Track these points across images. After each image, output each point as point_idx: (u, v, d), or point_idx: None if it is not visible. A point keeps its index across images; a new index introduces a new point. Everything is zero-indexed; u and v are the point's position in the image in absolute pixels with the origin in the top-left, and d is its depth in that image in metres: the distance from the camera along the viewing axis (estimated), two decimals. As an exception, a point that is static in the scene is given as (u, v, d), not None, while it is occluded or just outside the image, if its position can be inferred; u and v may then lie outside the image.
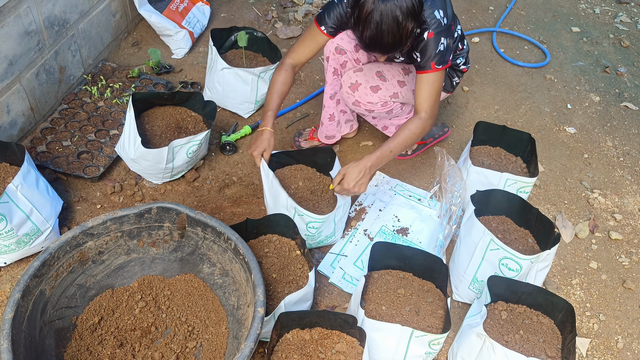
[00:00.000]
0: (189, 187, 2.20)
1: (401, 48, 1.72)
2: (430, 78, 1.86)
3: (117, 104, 2.41)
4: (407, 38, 1.69)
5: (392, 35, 1.65)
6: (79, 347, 1.58)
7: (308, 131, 2.43)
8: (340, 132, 2.34)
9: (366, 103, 2.05)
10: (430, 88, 1.87)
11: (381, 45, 1.69)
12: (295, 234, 1.80)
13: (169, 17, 2.76)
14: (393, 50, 1.72)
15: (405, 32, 1.66)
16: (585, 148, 2.61)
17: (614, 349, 1.86)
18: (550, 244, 1.74)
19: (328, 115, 2.24)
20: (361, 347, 1.56)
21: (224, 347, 1.60)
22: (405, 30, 1.66)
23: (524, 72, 3.02)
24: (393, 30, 1.64)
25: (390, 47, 1.70)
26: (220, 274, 1.72)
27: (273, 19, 3.15)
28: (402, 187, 2.29)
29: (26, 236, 1.77)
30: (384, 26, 1.63)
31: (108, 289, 1.71)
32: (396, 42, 1.68)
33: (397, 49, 1.72)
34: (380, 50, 1.73)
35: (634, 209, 2.35)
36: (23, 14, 2.05)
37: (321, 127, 2.32)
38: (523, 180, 2.00)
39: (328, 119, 2.26)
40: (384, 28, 1.63)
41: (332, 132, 2.30)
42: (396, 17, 1.62)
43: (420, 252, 1.74)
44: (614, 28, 3.47)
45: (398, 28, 1.64)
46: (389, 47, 1.70)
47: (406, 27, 1.65)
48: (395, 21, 1.62)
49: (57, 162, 2.14)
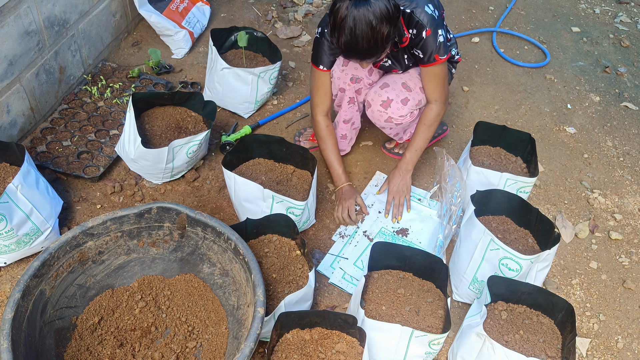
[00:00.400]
0: (189, 187, 2.20)
1: (379, 53, 1.72)
2: (436, 70, 1.93)
3: (117, 104, 2.41)
4: (384, 43, 1.69)
5: (367, 40, 1.66)
6: (79, 347, 1.58)
7: (309, 131, 2.43)
8: (351, 144, 2.36)
9: (398, 117, 2.09)
10: (437, 79, 1.96)
11: (356, 51, 1.70)
12: (295, 234, 1.80)
13: (169, 17, 2.76)
14: (370, 56, 1.73)
15: (380, 37, 1.66)
16: (585, 148, 2.61)
17: (614, 349, 1.86)
18: (550, 244, 1.74)
19: (340, 135, 2.26)
20: (361, 347, 1.56)
21: (224, 347, 1.60)
22: (380, 34, 1.65)
23: (524, 72, 3.02)
24: (367, 36, 1.64)
25: (365, 52, 1.70)
26: (220, 274, 1.72)
27: (273, 19, 3.15)
28: None
29: (26, 236, 1.77)
30: (357, 31, 1.64)
31: (108, 289, 1.71)
32: (371, 47, 1.68)
33: (374, 55, 1.72)
34: (357, 56, 1.73)
35: (634, 209, 2.35)
36: (23, 14, 2.05)
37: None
38: (523, 180, 2.00)
39: (340, 138, 2.27)
40: (357, 33, 1.64)
41: (343, 147, 2.32)
42: (369, 22, 1.62)
43: (420, 252, 1.74)
44: (614, 28, 3.47)
45: (372, 33, 1.64)
46: (364, 53, 1.70)
47: (381, 32, 1.65)
48: (368, 26, 1.63)
49: (57, 162, 2.14)
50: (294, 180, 2.05)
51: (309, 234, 2.09)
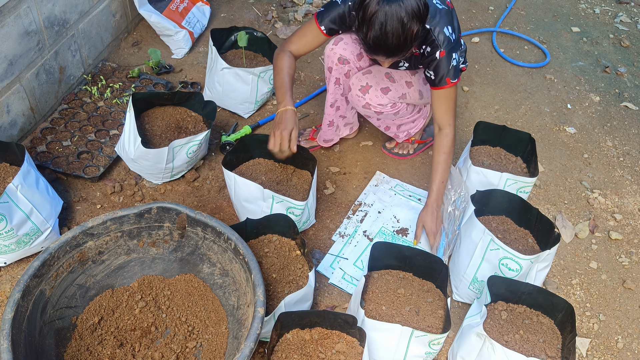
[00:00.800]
0: (189, 187, 2.20)
1: (405, 51, 1.70)
2: (447, 93, 1.89)
3: (117, 104, 2.41)
4: (412, 41, 1.67)
5: (397, 37, 1.63)
6: (79, 347, 1.58)
7: (309, 131, 2.43)
8: (339, 135, 2.35)
9: (376, 105, 2.06)
10: (448, 102, 1.91)
11: (385, 47, 1.67)
12: (295, 234, 1.80)
13: (169, 17, 2.76)
14: (397, 53, 1.70)
15: (410, 34, 1.64)
16: (585, 148, 2.61)
17: (614, 349, 1.86)
18: (550, 244, 1.74)
19: (327, 122, 2.25)
20: (361, 347, 1.56)
21: (224, 347, 1.60)
22: (410, 32, 1.63)
23: (524, 72, 3.02)
24: (397, 32, 1.62)
25: (394, 49, 1.67)
26: (220, 274, 1.72)
27: (273, 19, 3.15)
28: (402, 187, 2.29)
29: (26, 236, 1.77)
30: (388, 27, 1.61)
31: (108, 289, 1.71)
32: (400, 44, 1.65)
33: (402, 52, 1.69)
34: (384, 53, 1.70)
35: (634, 209, 2.35)
36: (23, 14, 2.05)
37: (321, 131, 2.33)
38: (523, 180, 2.00)
39: (327, 125, 2.26)
40: (388, 29, 1.61)
41: (330, 137, 2.32)
42: (401, 19, 1.60)
43: (420, 252, 1.74)
44: (614, 28, 3.47)
45: (403, 29, 1.62)
46: (393, 50, 1.67)
47: (411, 29, 1.63)
48: (400, 22, 1.60)
49: (57, 162, 2.14)
50: (294, 180, 2.05)
51: (309, 234, 2.09)
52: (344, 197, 2.23)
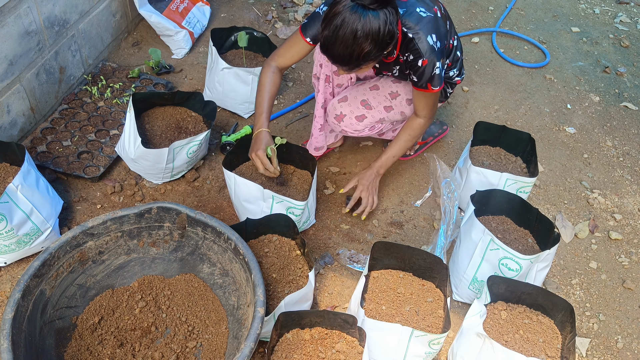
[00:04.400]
0: (189, 187, 2.20)
1: (351, 65, 1.66)
2: (427, 95, 1.91)
3: (117, 104, 2.41)
4: (360, 59, 1.62)
5: (344, 47, 1.59)
6: (79, 347, 1.58)
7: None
8: (326, 142, 2.30)
9: (352, 131, 2.10)
10: (427, 101, 1.94)
11: (331, 52, 1.64)
12: (295, 234, 1.80)
13: (169, 17, 2.76)
14: (341, 63, 1.66)
15: (358, 51, 1.59)
16: (585, 148, 2.61)
17: (613, 349, 1.86)
18: (550, 244, 1.74)
19: (319, 126, 2.19)
20: (361, 347, 1.56)
21: (224, 347, 1.60)
22: (359, 48, 1.59)
23: (524, 72, 3.02)
24: (346, 42, 1.58)
25: (339, 57, 1.64)
26: (220, 274, 1.72)
27: (273, 19, 3.15)
28: None
29: (26, 236, 1.77)
30: (340, 33, 1.58)
31: (108, 288, 1.71)
32: (346, 55, 1.61)
33: (346, 64, 1.65)
34: (330, 57, 1.67)
35: (634, 209, 2.35)
36: (23, 14, 2.05)
37: (311, 138, 2.25)
38: (523, 180, 2.00)
39: (318, 130, 2.20)
40: (339, 35, 1.58)
41: (321, 144, 2.25)
42: (355, 31, 1.56)
43: (420, 252, 1.74)
44: (614, 28, 3.47)
45: (352, 42, 1.58)
46: (337, 57, 1.64)
47: (360, 46, 1.58)
48: (352, 34, 1.57)
49: (57, 162, 2.14)
50: (294, 180, 2.05)
51: (309, 234, 2.09)
52: (344, 197, 2.23)
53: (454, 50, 2.03)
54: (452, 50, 2.01)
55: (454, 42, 2.01)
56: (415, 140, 2.04)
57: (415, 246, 2.04)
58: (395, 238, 2.11)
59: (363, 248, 2.06)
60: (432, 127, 2.48)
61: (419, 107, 1.97)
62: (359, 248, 2.06)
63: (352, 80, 2.12)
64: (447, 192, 2.08)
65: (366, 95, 2.05)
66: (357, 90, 2.07)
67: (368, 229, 2.13)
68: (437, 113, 2.63)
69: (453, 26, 2.01)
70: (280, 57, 1.98)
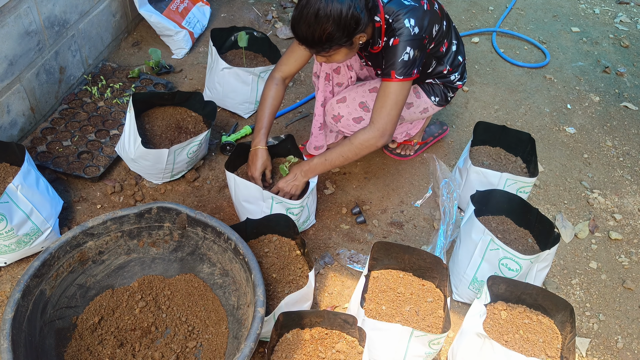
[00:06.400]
0: (189, 187, 2.20)
1: (316, 47, 1.67)
2: (389, 88, 1.76)
3: (117, 104, 2.41)
4: (323, 41, 1.63)
5: (307, 26, 1.62)
6: (79, 347, 1.58)
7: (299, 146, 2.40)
8: (326, 142, 2.30)
9: (349, 132, 2.11)
10: (386, 99, 1.77)
11: (297, 31, 1.66)
12: (295, 234, 1.80)
13: (169, 17, 2.76)
14: (306, 44, 1.68)
15: (320, 31, 1.61)
16: (585, 148, 2.61)
17: (613, 349, 1.86)
18: (550, 244, 1.74)
19: (318, 125, 2.20)
20: (361, 347, 1.56)
21: (224, 347, 1.60)
22: (320, 29, 1.61)
23: (524, 72, 3.02)
24: (309, 21, 1.60)
25: (303, 37, 1.66)
26: (220, 274, 1.72)
27: (273, 19, 3.15)
28: None
29: (26, 236, 1.77)
30: (304, 12, 1.61)
31: (108, 288, 1.71)
32: (309, 35, 1.64)
33: (311, 45, 1.67)
34: (296, 37, 1.69)
35: (634, 209, 2.35)
36: (23, 14, 2.05)
37: (311, 138, 2.26)
38: (523, 180, 2.00)
39: (318, 128, 2.21)
40: (303, 13, 1.61)
41: (320, 143, 2.26)
42: (317, 11, 1.58)
43: (420, 252, 1.74)
44: (614, 28, 3.47)
45: (314, 21, 1.60)
46: (301, 37, 1.66)
47: (322, 27, 1.60)
48: (314, 14, 1.59)
49: (57, 162, 2.14)
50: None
51: (309, 234, 2.09)
52: (344, 197, 2.24)
53: (454, 55, 2.00)
54: (450, 54, 1.98)
55: (451, 46, 1.98)
56: (360, 153, 1.83)
57: (415, 246, 2.04)
58: (395, 238, 2.11)
59: (363, 248, 2.06)
60: (432, 127, 2.48)
61: (376, 108, 1.79)
62: (359, 248, 2.06)
63: (352, 79, 2.12)
64: (447, 192, 2.09)
65: (365, 97, 2.05)
66: (357, 92, 2.07)
67: (368, 229, 2.13)
68: (437, 113, 2.62)
69: (453, 30, 1.99)
70: (283, 66, 2.00)
